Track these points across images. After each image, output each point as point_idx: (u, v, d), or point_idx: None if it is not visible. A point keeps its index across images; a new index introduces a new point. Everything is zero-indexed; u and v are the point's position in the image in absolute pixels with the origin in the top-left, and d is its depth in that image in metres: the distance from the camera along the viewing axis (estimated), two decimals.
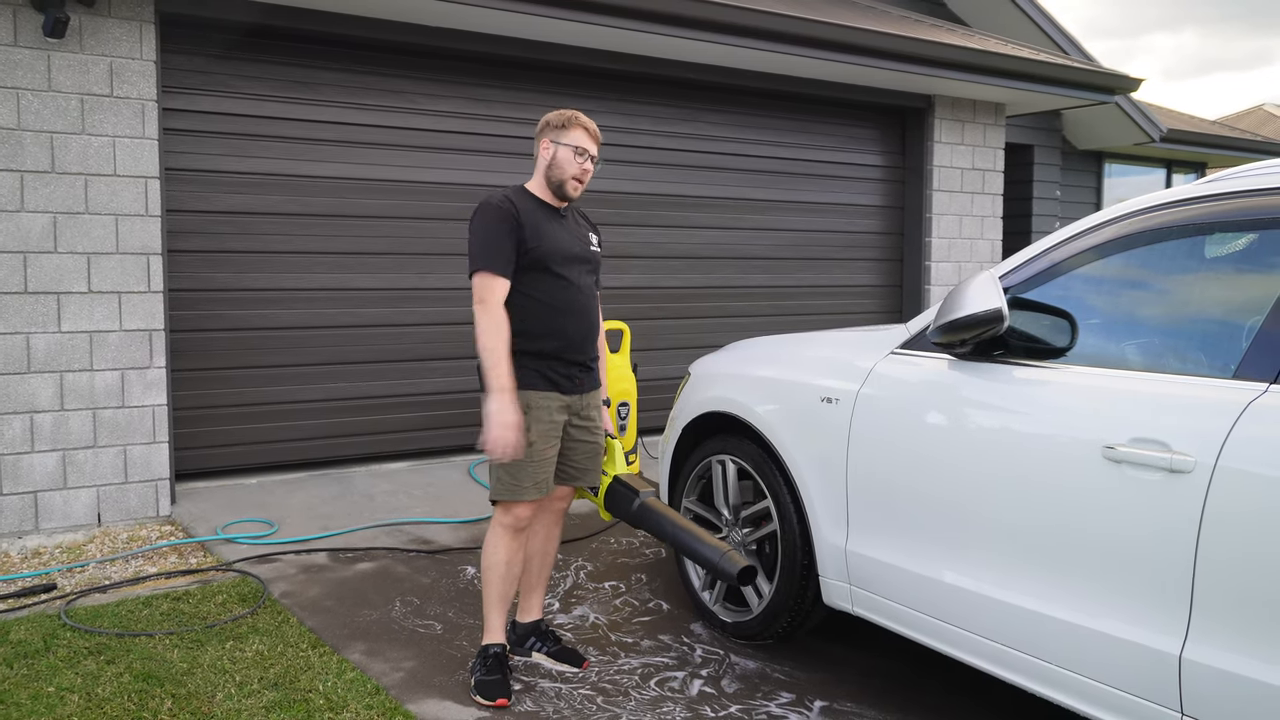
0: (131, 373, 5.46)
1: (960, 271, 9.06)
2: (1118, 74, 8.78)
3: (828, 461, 3.74)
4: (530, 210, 3.61)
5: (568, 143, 3.62)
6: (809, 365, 4.02)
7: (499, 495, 3.58)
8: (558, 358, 3.62)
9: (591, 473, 3.82)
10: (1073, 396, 2.98)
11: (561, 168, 3.64)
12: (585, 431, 3.78)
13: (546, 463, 3.60)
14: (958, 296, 3.25)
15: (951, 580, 3.23)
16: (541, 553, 3.91)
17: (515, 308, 3.56)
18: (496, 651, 3.66)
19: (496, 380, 3.42)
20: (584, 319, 3.68)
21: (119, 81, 5.35)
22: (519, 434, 3.43)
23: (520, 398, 3.50)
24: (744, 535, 4.18)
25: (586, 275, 3.74)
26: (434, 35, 6.34)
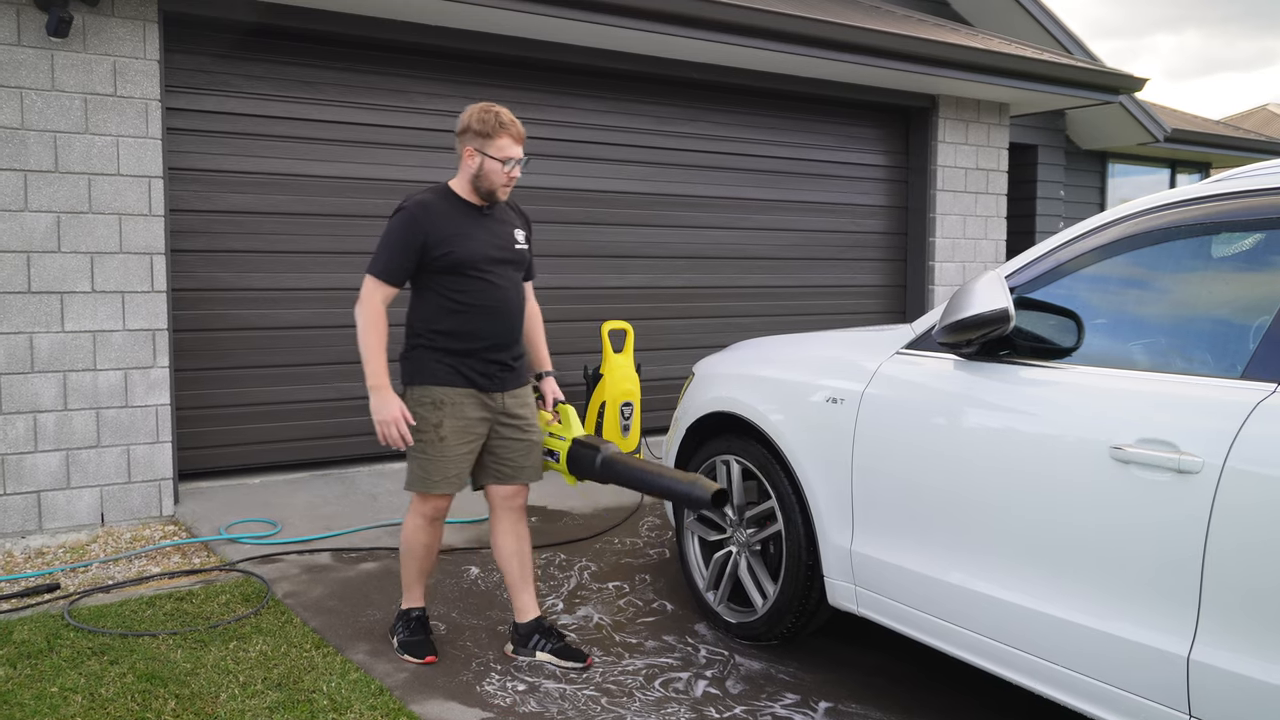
0: (135, 372, 5.45)
1: (964, 272, 9.04)
2: (1122, 74, 8.75)
3: (833, 462, 3.73)
4: (448, 216, 3.64)
5: (494, 155, 3.62)
6: (814, 365, 4.00)
7: (411, 486, 3.73)
8: (475, 355, 3.68)
9: (528, 469, 3.87)
10: (1079, 397, 2.97)
11: (489, 179, 3.67)
12: (516, 430, 3.82)
13: (459, 459, 3.69)
14: (963, 296, 3.24)
15: (957, 581, 3.21)
16: (517, 553, 3.93)
17: (434, 307, 3.66)
18: (418, 615, 3.93)
19: (371, 377, 3.55)
20: (504, 318, 3.73)
21: (122, 81, 5.35)
22: (402, 425, 3.55)
23: (433, 394, 3.63)
24: (749, 535, 4.17)
25: (510, 273, 3.77)
26: (437, 35, 6.33)
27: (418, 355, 3.70)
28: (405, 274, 3.62)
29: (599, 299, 7.43)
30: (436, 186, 3.74)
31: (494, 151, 3.61)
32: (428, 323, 3.68)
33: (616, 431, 6.57)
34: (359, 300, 3.60)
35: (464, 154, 3.66)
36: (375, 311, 3.59)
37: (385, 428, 3.58)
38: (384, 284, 3.60)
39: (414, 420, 3.65)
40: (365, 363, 3.58)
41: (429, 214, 3.61)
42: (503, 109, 3.66)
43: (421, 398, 3.67)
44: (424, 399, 3.67)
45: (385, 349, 3.57)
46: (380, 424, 3.59)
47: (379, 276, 3.60)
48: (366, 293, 3.60)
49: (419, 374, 3.69)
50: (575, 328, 7.29)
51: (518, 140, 3.65)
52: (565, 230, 7.24)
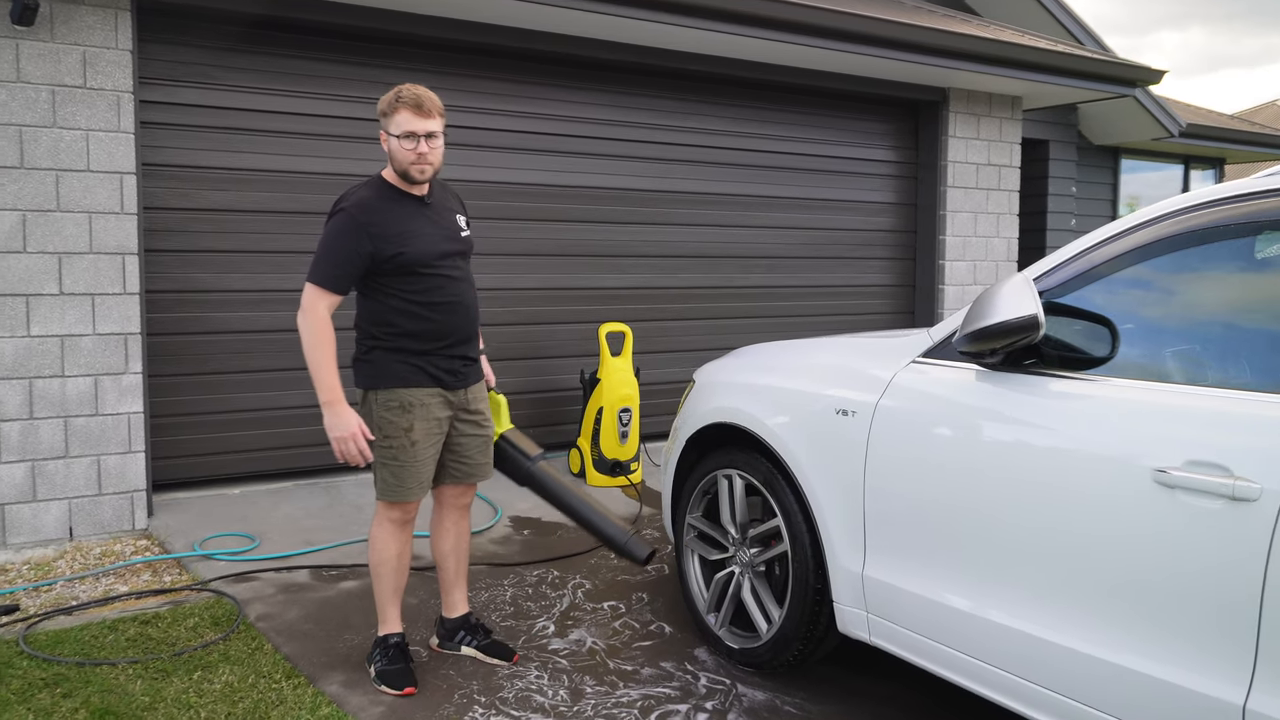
0: (106, 379, 5.18)
1: (975, 271, 8.75)
2: (1139, 65, 8.47)
3: (843, 479, 3.46)
4: (388, 210, 3.42)
5: (394, 131, 3.41)
6: (823, 374, 3.74)
7: (384, 496, 3.55)
8: (439, 353, 3.50)
9: (484, 466, 3.73)
10: (1117, 413, 2.70)
11: (397, 159, 3.44)
12: (474, 426, 3.67)
13: (429, 460, 3.55)
14: (988, 301, 2.97)
15: (981, 612, 2.95)
16: (455, 551, 3.84)
17: (391, 309, 3.45)
18: (396, 641, 3.69)
19: (324, 392, 3.35)
20: (462, 312, 3.55)
21: (92, 72, 5.07)
22: (361, 440, 3.37)
23: (400, 396, 3.45)
24: (752, 555, 3.90)
25: (461, 264, 3.59)
26: (427, 24, 6.05)
27: (377, 358, 3.48)
28: (351, 281, 3.41)
29: (596, 300, 7.15)
30: (371, 179, 3.51)
31: (394, 129, 3.40)
32: (384, 325, 3.46)
33: (615, 438, 6.30)
34: (301, 310, 3.37)
35: (381, 140, 3.49)
36: (321, 322, 3.36)
37: (343, 445, 3.38)
38: (328, 293, 3.37)
39: (373, 433, 3.46)
40: (316, 378, 3.35)
41: (370, 214, 3.38)
42: (413, 85, 3.43)
43: (389, 402, 3.45)
44: (391, 403, 3.45)
45: (334, 360, 3.36)
46: (337, 441, 3.38)
47: (323, 285, 3.37)
48: (309, 302, 3.36)
49: (383, 377, 3.47)
50: (571, 330, 7.01)
51: (421, 113, 3.39)
52: (561, 228, 6.96)
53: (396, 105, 3.38)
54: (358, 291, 3.49)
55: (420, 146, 3.38)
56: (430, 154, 3.40)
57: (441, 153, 3.46)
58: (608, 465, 6.33)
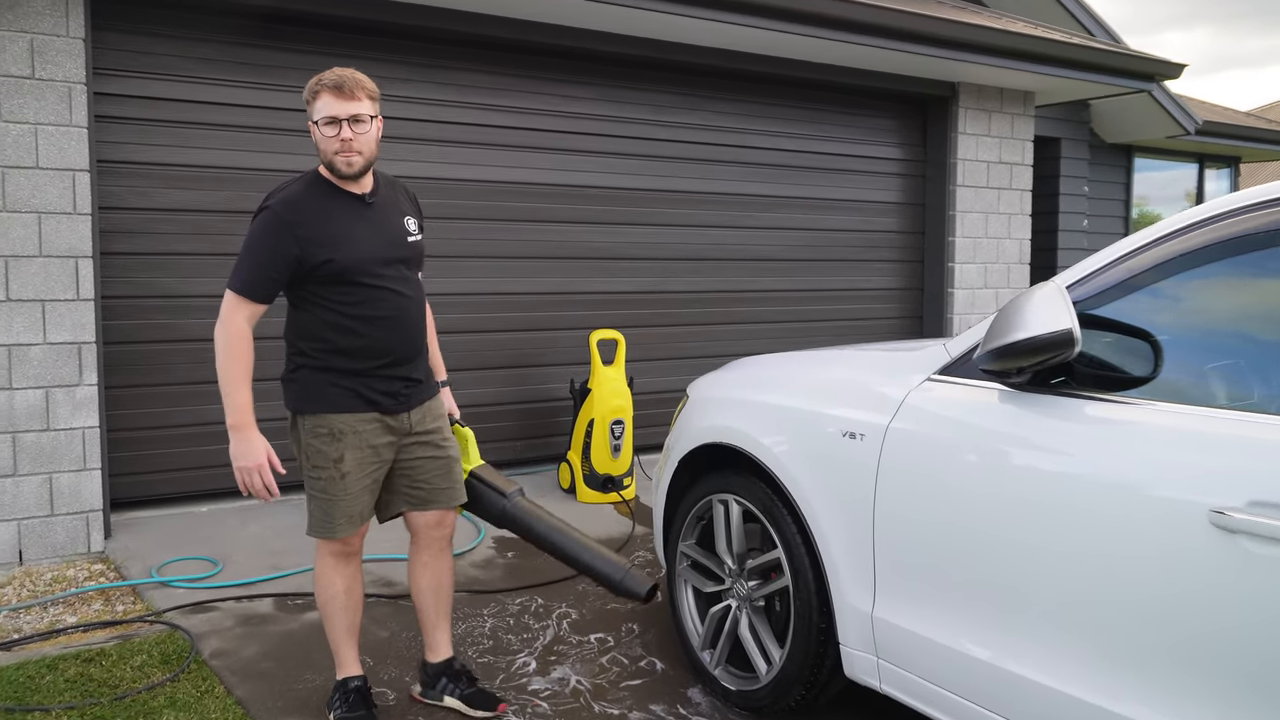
0: (58, 391, 4.83)
1: (986, 274, 8.40)
2: (1158, 59, 8.11)
3: (850, 509, 3.12)
4: (320, 210, 3.04)
5: (316, 118, 3.04)
6: (827, 391, 3.40)
7: (312, 531, 3.21)
8: (375, 374, 3.11)
9: (449, 490, 3.33)
10: (1165, 442, 2.36)
11: (321, 149, 3.04)
12: (429, 447, 3.27)
13: (362, 493, 3.17)
14: (1017, 314, 2.62)
15: (1006, 665, 2.60)
16: (434, 588, 3.43)
17: (320, 323, 3.07)
18: (357, 685, 3.35)
19: (231, 413, 2.99)
20: (404, 328, 3.15)
21: (41, 62, 4.73)
22: (268, 472, 3.02)
23: (329, 423, 3.08)
24: (750, 588, 3.56)
25: (405, 274, 3.18)
26: (407, 13, 5.72)
27: (305, 378, 3.11)
28: (276, 288, 3.03)
29: (587, 305, 6.79)
30: (306, 175, 3.13)
31: (315, 115, 3.03)
32: (313, 340, 3.09)
33: (606, 452, 5.95)
34: (218, 319, 3.01)
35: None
36: (237, 334, 2.98)
37: (247, 475, 3.02)
38: (248, 301, 3.00)
39: (301, 461, 3.13)
40: (225, 397, 2.99)
41: (298, 214, 3.00)
42: (339, 68, 3.07)
43: (316, 428, 3.09)
44: (319, 430, 3.08)
45: (249, 380, 3.00)
46: (241, 470, 3.01)
47: (241, 292, 2.99)
48: (226, 311, 3.00)
49: (310, 401, 3.10)
50: (560, 337, 6.66)
51: (342, 95, 3.01)
52: (549, 229, 6.61)
53: (317, 90, 3.01)
54: (286, 300, 3.13)
55: (343, 132, 2.98)
56: (356, 140, 3.00)
57: (373, 141, 3.07)
58: (599, 480, 5.98)
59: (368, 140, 3.05)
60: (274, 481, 3.03)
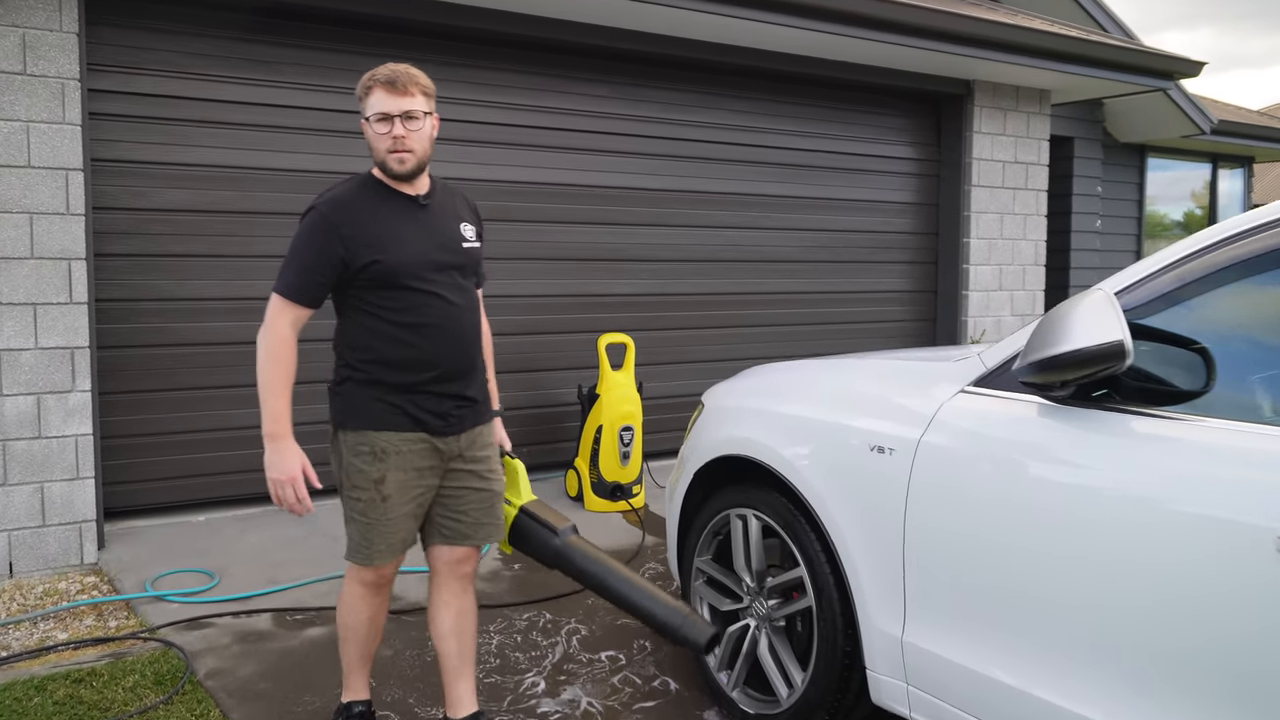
0: (49, 398, 4.68)
1: (1001, 276, 8.23)
2: (1177, 56, 7.94)
3: (878, 527, 2.97)
4: (369, 210, 2.88)
5: (368, 114, 2.89)
6: (853, 402, 3.24)
7: (350, 556, 3.01)
8: (422, 390, 2.91)
9: (488, 527, 3.10)
10: (1224, 461, 2.21)
11: (374, 147, 2.89)
12: (474, 477, 3.05)
13: (404, 519, 2.96)
14: (1062, 323, 2.47)
15: (1052, 699, 2.45)
16: (457, 631, 3.16)
17: (366, 330, 2.90)
18: (360, 710, 3.20)
19: (267, 422, 2.84)
20: (455, 338, 2.95)
21: (33, 57, 4.57)
22: (301, 485, 2.85)
23: (371, 441, 2.89)
24: (770, 608, 3.40)
25: (459, 281, 2.99)
26: (411, 7, 5.56)
27: (349, 392, 2.93)
28: (321, 291, 2.88)
29: (595, 308, 6.63)
30: (358, 176, 2.98)
31: (368, 111, 2.88)
32: (359, 350, 2.91)
33: (615, 460, 5.79)
34: (262, 324, 2.86)
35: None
36: (280, 339, 2.84)
37: (279, 488, 2.86)
38: (292, 304, 2.85)
39: (340, 479, 2.93)
40: (262, 402, 2.83)
41: (346, 213, 2.85)
42: (392, 64, 2.91)
43: (358, 446, 2.90)
44: (360, 447, 2.89)
45: (289, 387, 2.84)
46: (273, 483, 2.85)
47: (286, 295, 2.85)
48: (270, 315, 2.85)
49: (353, 416, 2.92)
50: (568, 340, 6.50)
51: (395, 90, 2.85)
52: (556, 230, 6.44)
53: (370, 85, 2.85)
54: (334, 307, 2.97)
55: (396, 129, 2.82)
56: (409, 138, 2.84)
57: (427, 139, 2.90)
58: (607, 489, 5.82)
59: (421, 138, 2.88)
60: (307, 495, 2.86)
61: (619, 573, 3.03)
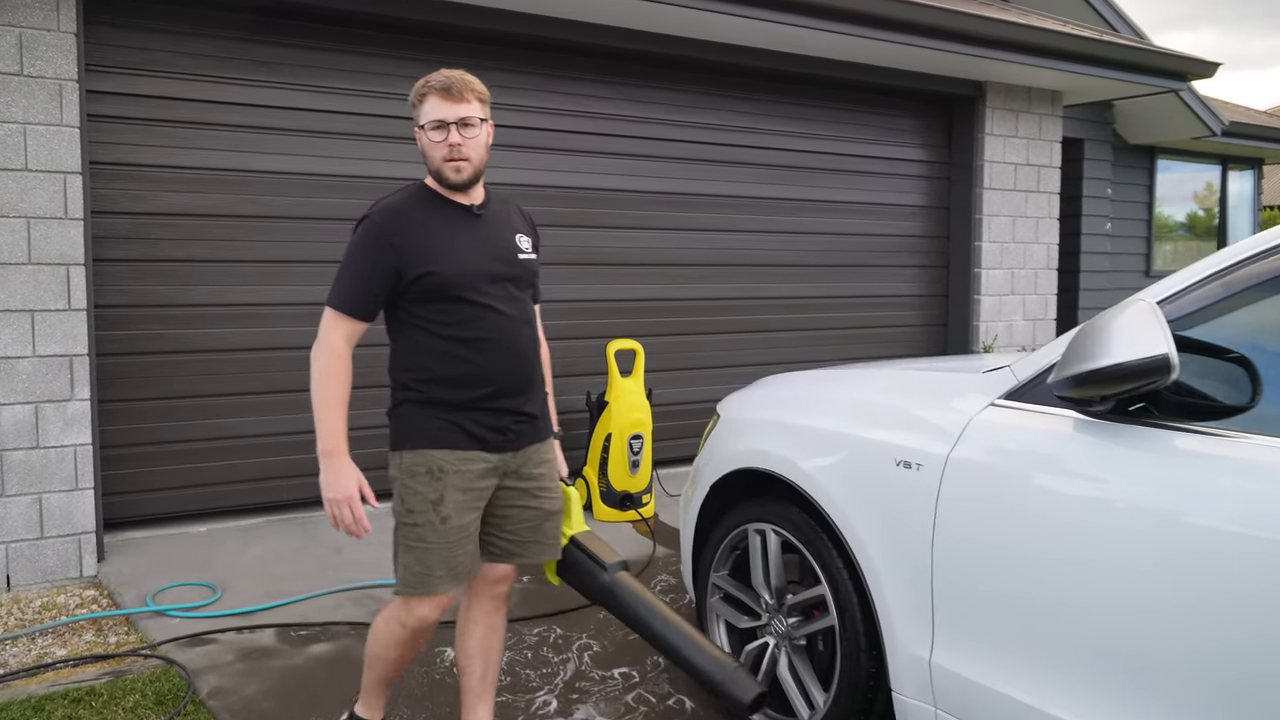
0: (47, 406, 4.57)
1: (1013, 280, 8.12)
2: (1192, 57, 7.84)
3: (905, 545, 2.86)
4: (422, 219, 2.78)
5: (423, 122, 2.77)
6: (876, 414, 3.14)
7: (406, 587, 2.82)
8: (484, 407, 2.80)
9: (534, 545, 2.97)
10: (1271, 480, 2.10)
11: (429, 156, 2.79)
12: (526, 495, 2.94)
13: (465, 541, 2.82)
14: (1102, 335, 2.36)
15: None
16: (483, 650, 3.07)
17: (419, 349, 2.79)
18: None
19: (322, 439, 2.72)
20: (511, 353, 2.84)
21: (31, 57, 4.47)
22: (358, 505, 2.71)
23: (429, 459, 2.77)
24: (790, 626, 3.29)
25: (514, 293, 2.88)
26: (417, 8, 5.45)
27: (406, 413, 2.81)
28: (376, 303, 2.76)
29: (604, 313, 6.52)
30: (411, 185, 2.88)
31: (421, 119, 2.79)
32: (413, 369, 2.80)
33: (625, 468, 5.69)
34: (316, 338, 2.74)
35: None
36: (334, 353, 2.72)
37: (335, 508, 2.71)
38: (346, 318, 2.73)
39: (397, 505, 2.81)
40: (317, 419, 2.71)
41: (400, 223, 2.74)
42: (447, 69, 2.83)
43: (414, 466, 2.77)
44: (417, 468, 2.76)
45: (345, 404, 2.72)
46: (329, 503, 2.72)
47: (339, 308, 2.73)
48: (324, 328, 2.74)
49: (410, 436, 2.80)
50: (576, 347, 6.39)
51: (450, 97, 2.77)
52: (564, 235, 6.33)
53: (424, 92, 2.77)
54: (386, 326, 2.86)
55: (451, 136, 2.73)
56: (465, 146, 2.75)
57: (483, 146, 2.81)
58: (617, 498, 5.71)
59: (477, 145, 2.78)
60: (364, 515, 2.73)
61: (666, 618, 2.86)
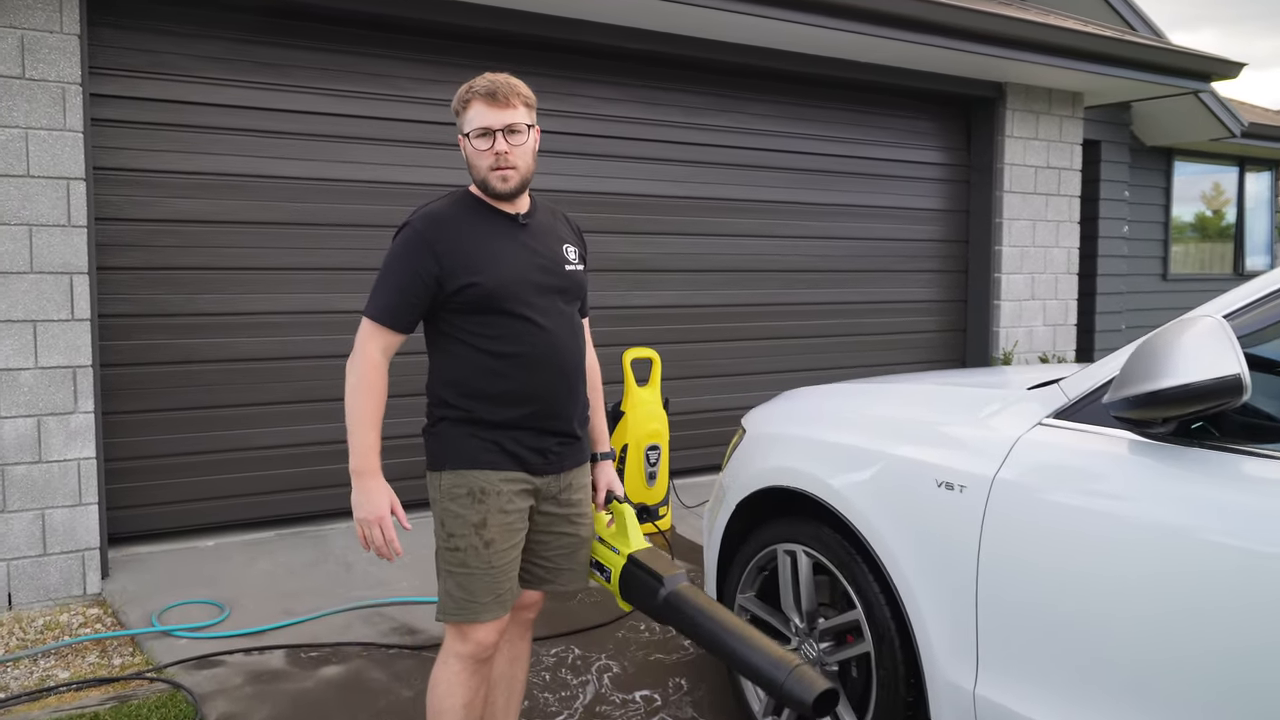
0: (50, 419, 4.44)
1: (1034, 285, 7.97)
2: (1217, 58, 7.69)
3: (948, 570, 2.73)
4: (466, 227, 2.64)
5: (468, 130, 2.64)
6: (914, 431, 3.00)
7: (448, 615, 2.67)
8: (526, 427, 2.66)
9: (568, 573, 2.85)
10: None
11: (474, 165, 2.65)
12: (563, 521, 2.79)
13: (510, 566, 2.69)
14: (1165, 353, 2.22)
15: None
16: (507, 678, 2.95)
17: (459, 363, 2.64)
18: None
19: (355, 457, 2.59)
20: (560, 370, 2.69)
21: (32, 60, 4.34)
22: (389, 526, 2.60)
23: (470, 481, 2.63)
24: (822, 651, 3.15)
25: (561, 306, 2.73)
26: (427, 8, 5.32)
27: (444, 432, 2.67)
28: (415, 315, 2.63)
29: (620, 320, 6.39)
30: (454, 192, 2.74)
31: (466, 127, 2.66)
32: (453, 384, 2.66)
33: (641, 480, 5.55)
34: (352, 351, 2.61)
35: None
36: (370, 366, 2.58)
37: (366, 528, 2.59)
38: (384, 329, 2.60)
39: (437, 530, 2.67)
40: (350, 435, 2.58)
41: (442, 230, 2.61)
42: (491, 74, 2.70)
43: (454, 489, 2.63)
44: (457, 490, 2.63)
45: (379, 420, 2.60)
46: (360, 523, 2.60)
47: (376, 319, 2.60)
48: (360, 340, 2.61)
49: (450, 456, 2.65)
50: None
51: (496, 102, 2.64)
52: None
53: (468, 99, 2.65)
54: (426, 340, 2.73)
55: (498, 144, 2.60)
56: (512, 154, 2.61)
57: (530, 154, 2.68)
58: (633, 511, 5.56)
59: (524, 153, 2.65)
60: (396, 537, 2.60)
61: (723, 622, 2.69)
